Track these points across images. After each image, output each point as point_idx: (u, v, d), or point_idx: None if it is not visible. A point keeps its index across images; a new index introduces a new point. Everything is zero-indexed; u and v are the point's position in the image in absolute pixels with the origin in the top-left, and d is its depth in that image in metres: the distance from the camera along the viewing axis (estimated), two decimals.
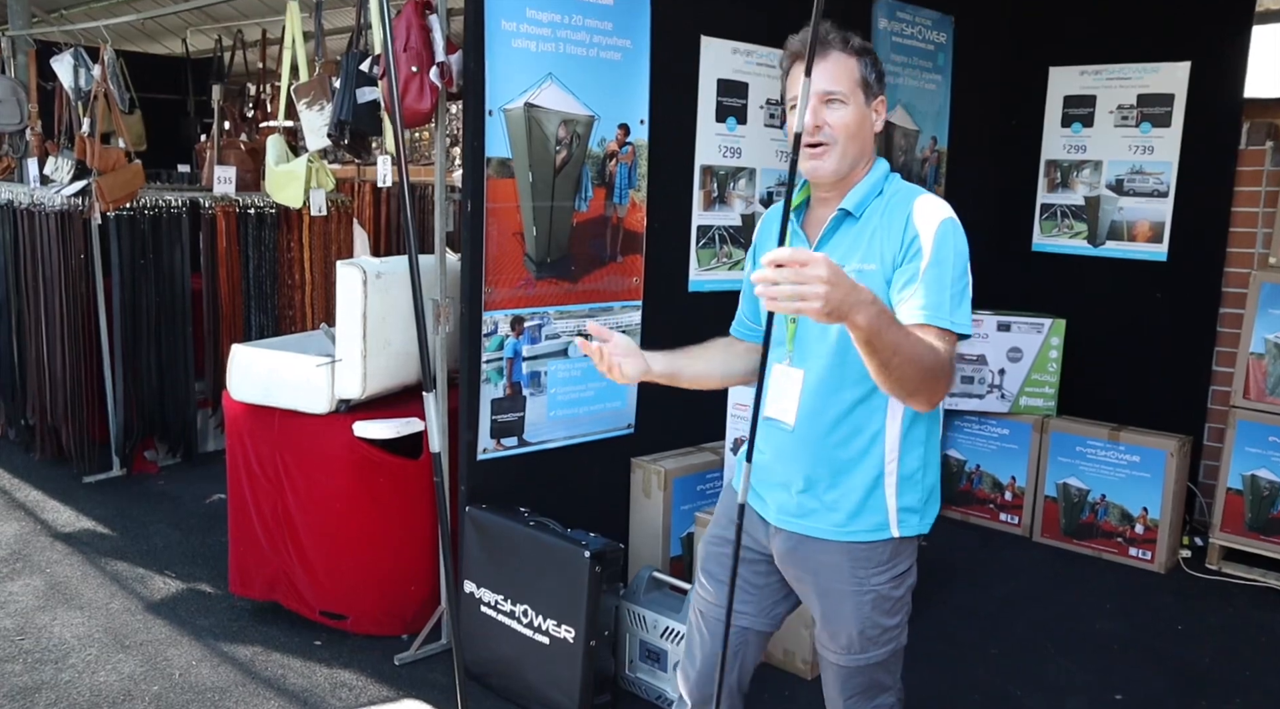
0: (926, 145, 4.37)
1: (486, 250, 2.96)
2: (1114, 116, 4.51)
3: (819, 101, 1.74)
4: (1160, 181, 4.40)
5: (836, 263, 1.51)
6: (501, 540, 2.87)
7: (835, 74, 1.74)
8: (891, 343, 1.50)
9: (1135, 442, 3.99)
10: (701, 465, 3.38)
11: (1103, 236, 4.56)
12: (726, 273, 3.61)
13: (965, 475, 4.45)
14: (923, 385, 1.59)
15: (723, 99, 3.51)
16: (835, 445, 1.81)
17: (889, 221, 1.74)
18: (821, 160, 1.75)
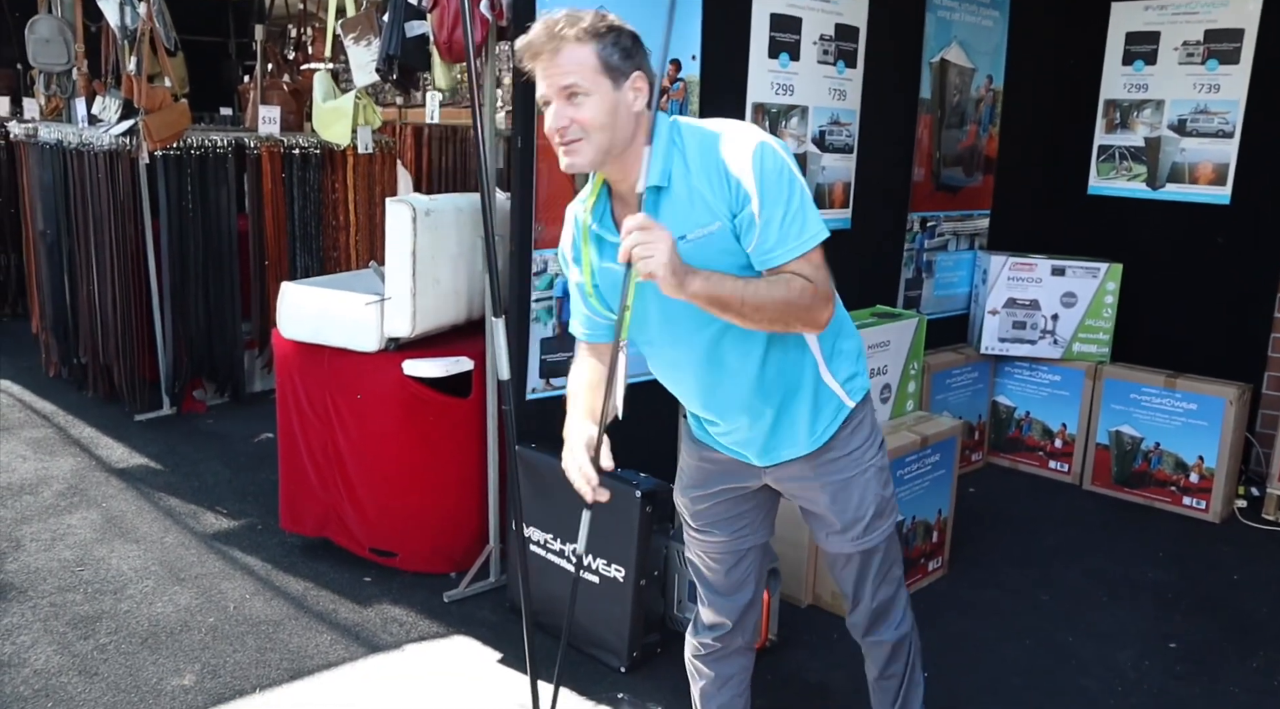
0: (982, 84, 4.25)
1: (536, 188, 2.92)
2: (1179, 53, 4.35)
3: (562, 99, 1.66)
4: (1225, 121, 4.25)
5: (676, 236, 1.64)
6: (551, 480, 2.87)
7: (569, 68, 1.65)
8: (735, 297, 1.62)
9: (1192, 389, 3.91)
10: None
11: (1163, 179, 4.43)
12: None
13: (1015, 422, 4.38)
14: (793, 317, 1.68)
15: (775, 34, 3.42)
16: (772, 380, 1.85)
17: (707, 176, 1.69)
18: (576, 156, 1.69)
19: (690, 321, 1.77)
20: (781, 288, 1.65)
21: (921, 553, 3.24)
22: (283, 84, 5.31)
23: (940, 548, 3.33)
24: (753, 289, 1.64)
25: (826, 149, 3.65)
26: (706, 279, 1.61)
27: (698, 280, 1.60)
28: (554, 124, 1.68)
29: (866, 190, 3.82)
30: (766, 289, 1.65)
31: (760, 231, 1.66)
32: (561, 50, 1.65)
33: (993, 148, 4.37)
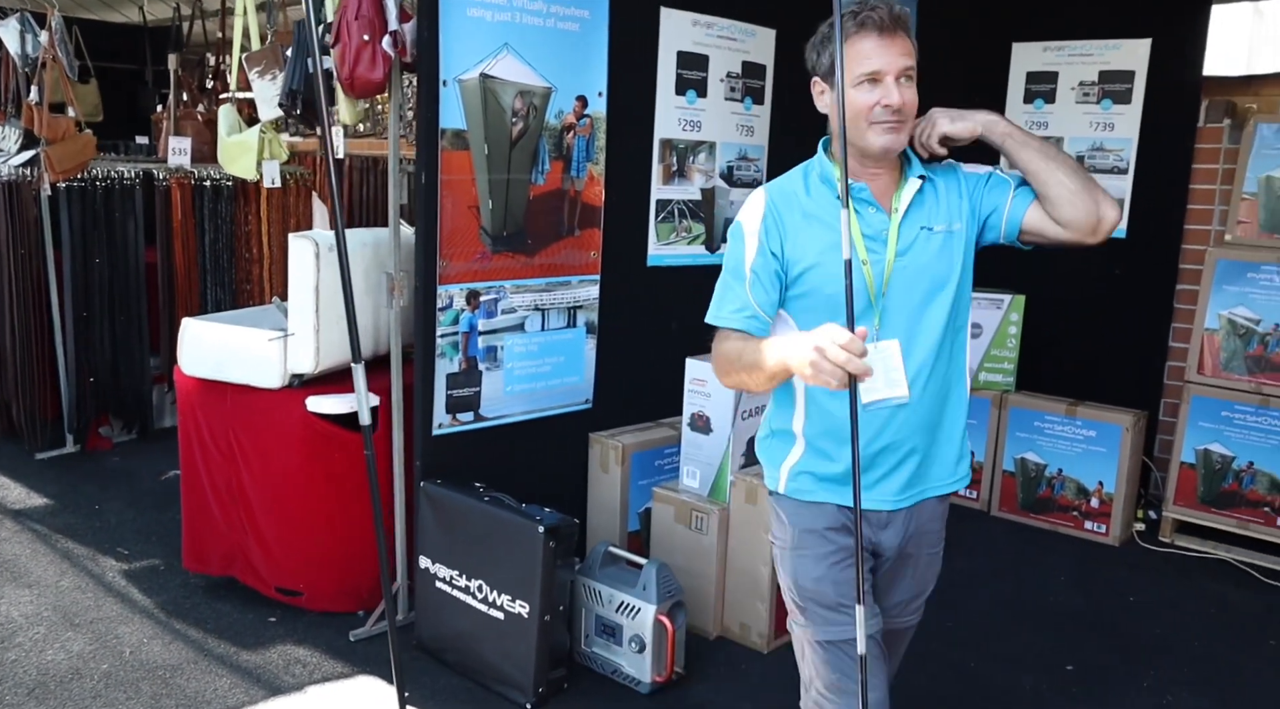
0: None
1: (441, 223, 2.93)
2: (1075, 93, 4.51)
3: (900, 78, 1.71)
4: (1120, 158, 4.42)
5: (927, 226, 1.80)
6: (456, 516, 2.85)
7: (909, 50, 1.73)
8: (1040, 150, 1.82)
9: (1092, 416, 4.03)
10: (659, 440, 3.37)
11: None
12: (685, 247, 3.60)
13: None
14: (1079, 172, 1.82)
15: (683, 71, 3.47)
16: (937, 399, 1.83)
17: (948, 183, 1.86)
18: (899, 134, 1.74)
19: (929, 305, 1.79)
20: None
21: None
22: (197, 114, 5.24)
23: None
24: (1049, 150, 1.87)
25: (735, 184, 3.71)
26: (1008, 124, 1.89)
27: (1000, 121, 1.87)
28: (894, 99, 1.70)
29: None
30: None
31: (1003, 178, 1.90)
32: (900, 34, 1.73)
33: None
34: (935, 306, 1.79)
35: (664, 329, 3.51)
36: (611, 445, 3.31)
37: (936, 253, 1.79)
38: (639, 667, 2.78)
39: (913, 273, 1.78)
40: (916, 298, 1.78)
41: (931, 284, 1.78)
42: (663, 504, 3.17)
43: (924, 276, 1.78)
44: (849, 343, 1.47)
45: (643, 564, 2.83)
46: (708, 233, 3.66)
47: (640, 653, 2.77)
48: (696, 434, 3.12)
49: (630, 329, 3.45)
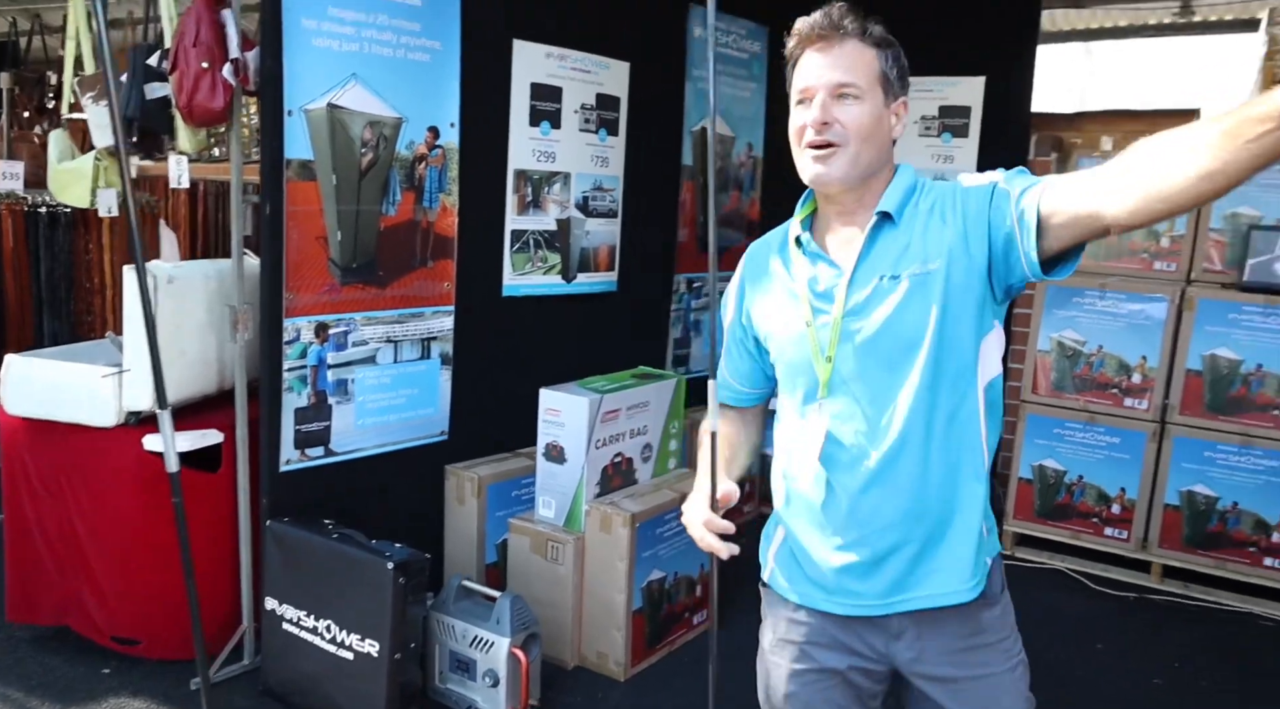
0: (743, 151, 4.48)
1: (287, 255, 2.86)
2: (919, 126, 4.72)
3: (829, 95, 1.47)
4: None
5: (887, 274, 1.47)
6: (304, 555, 2.78)
7: (850, 64, 1.48)
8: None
9: None
10: (516, 471, 3.36)
11: None
12: (542, 277, 3.61)
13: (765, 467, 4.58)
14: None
15: (536, 103, 3.50)
16: (933, 483, 1.50)
17: (940, 210, 1.50)
18: (827, 164, 1.48)
19: (896, 369, 1.49)
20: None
21: (686, 607, 3.33)
22: (34, 136, 5.00)
23: (705, 601, 3.42)
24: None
25: (591, 214, 3.75)
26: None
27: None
28: (815, 117, 1.47)
29: (632, 254, 3.93)
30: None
31: (1024, 178, 1.49)
32: (845, 44, 1.49)
33: (755, 211, 4.59)
34: (906, 370, 1.48)
35: (520, 359, 3.51)
36: (467, 477, 3.29)
37: (901, 304, 1.47)
38: (493, 701, 2.76)
39: (870, 333, 1.49)
40: (877, 362, 1.49)
41: (897, 344, 1.48)
42: (518, 535, 3.16)
43: (886, 336, 1.48)
44: (708, 521, 1.52)
45: (497, 597, 2.81)
46: (564, 263, 3.68)
47: (494, 687, 2.75)
48: (551, 464, 3.13)
49: (486, 360, 3.44)
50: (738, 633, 3.41)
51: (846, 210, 1.55)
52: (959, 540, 1.51)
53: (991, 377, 1.52)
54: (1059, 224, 1.39)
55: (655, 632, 3.20)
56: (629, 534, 3.00)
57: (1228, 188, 1.22)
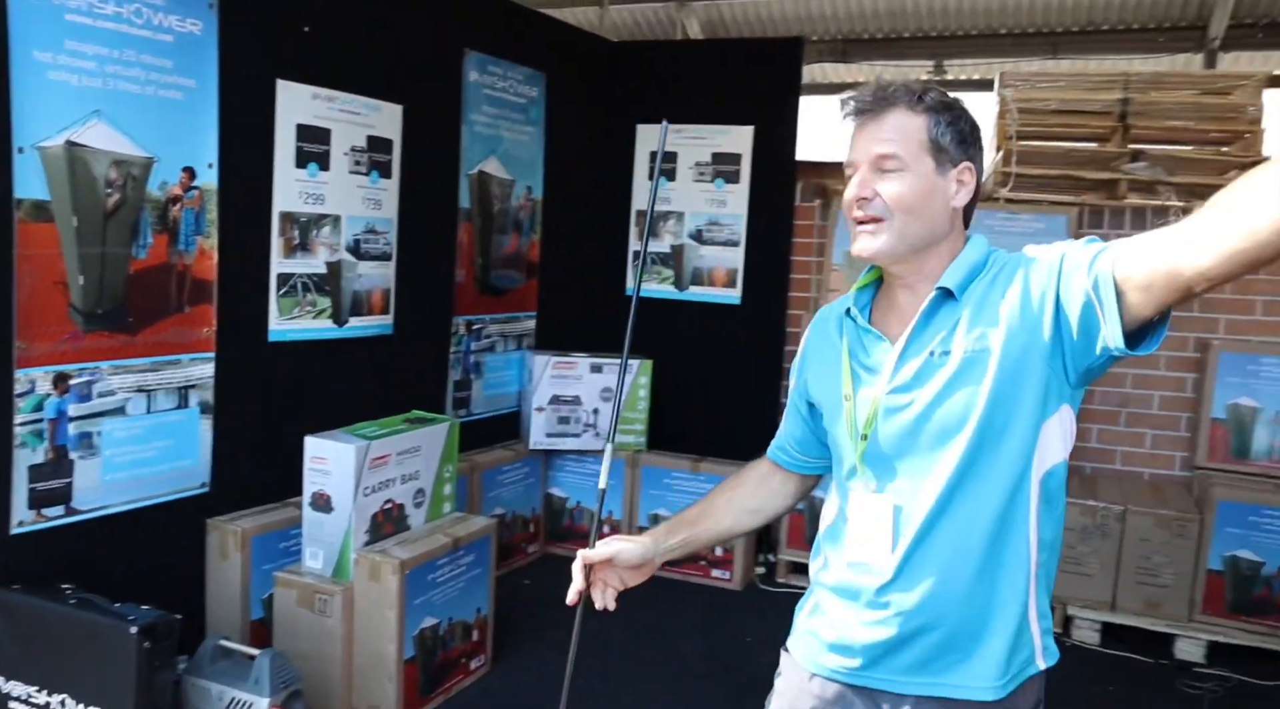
0: (522, 194, 4.53)
1: (17, 302, 2.68)
2: (693, 172, 4.92)
3: (869, 168, 1.46)
4: (733, 232, 4.86)
5: (939, 350, 1.43)
6: (36, 624, 2.59)
7: (891, 135, 1.45)
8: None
9: (713, 471, 4.36)
10: (282, 522, 3.25)
11: (687, 281, 4.95)
12: (311, 321, 3.52)
13: (567, 512, 4.63)
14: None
15: (303, 145, 3.43)
16: (967, 575, 1.44)
17: (1004, 284, 1.44)
18: (873, 237, 1.46)
19: (937, 450, 1.44)
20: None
21: (462, 653, 3.30)
22: None
23: (482, 646, 3.40)
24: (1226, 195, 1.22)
25: (363, 257, 3.69)
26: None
27: None
28: (854, 193, 1.47)
29: (408, 297, 3.90)
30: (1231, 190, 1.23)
31: (1087, 247, 1.41)
32: (887, 115, 1.46)
33: (535, 253, 4.65)
34: (947, 453, 1.42)
35: (288, 406, 3.41)
36: (230, 530, 3.15)
37: (949, 382, 1.42)
38: None
39: (916, 411, 1.44)
40: (920, 442, 1.45)
41: (942, 424, 1.43)
42: (284, 588, 3.05)
43: (931, 415, 1.43)
44: (584, 554, 1.61)
45: (256, 654, 2.70)
46: (334, 306, 3.61)
47: None
48: (318, 513, 3.04)
49: (251, 408, 3.32)
50: (514, 677, 3.42)
51: (907, 283, 1.52)
52: (993, 637, 1.45)
53: (1051, 465, 1.45)
54: (1136, 287, 1.29)
55: (429, 680, 3.15)
56: (398, 582, 2.95)
57: None
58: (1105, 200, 4.51)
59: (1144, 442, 4.39)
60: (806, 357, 1.68)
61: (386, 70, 3.73)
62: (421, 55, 3.91)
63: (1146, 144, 4.60)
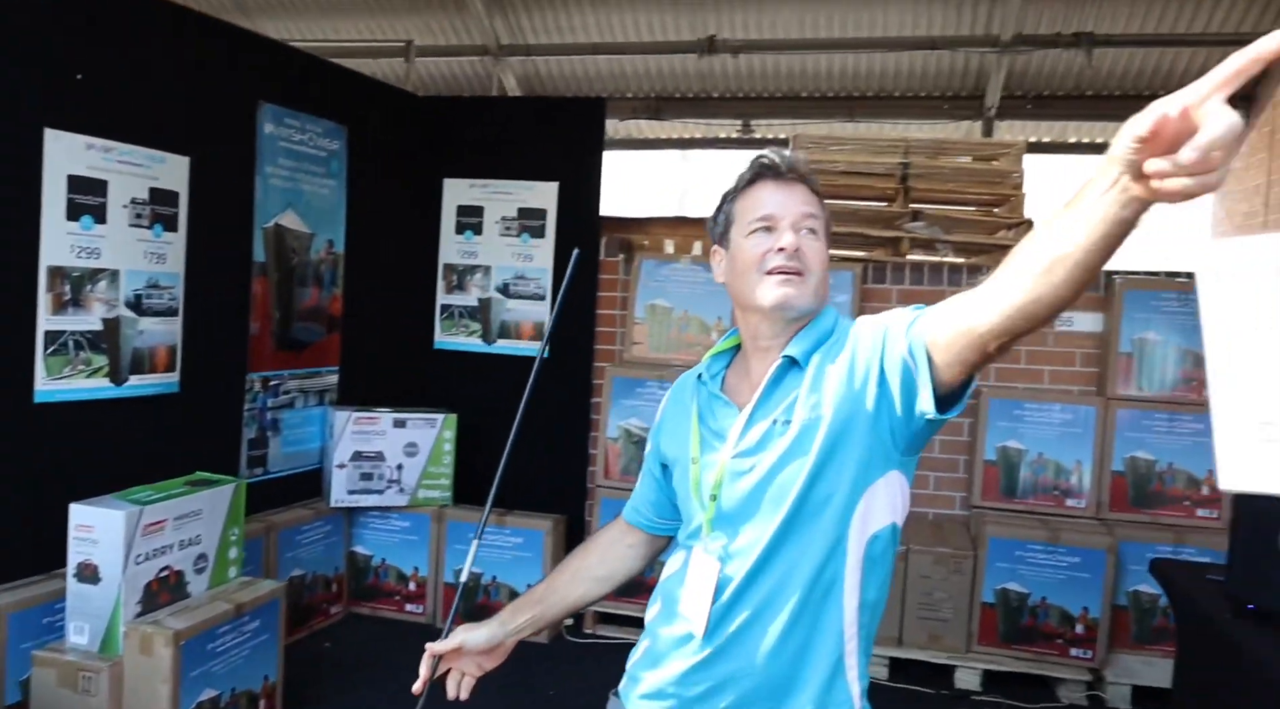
0: (323, 247, 4.46)
1: None
2: (500, 226, 4.97)
3: (794, 223, 1.51)
4: (540, 286, 4.92)
5: (781, 419, 1.48)
6: None
7: (813, 201, 1.55)
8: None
9: (518, 524, 4.36)
10: (45, 596, 3.05)
11: (495, 335, 4.97)
12: (85, 380, 3.35)
13: (372, 569, 4.52)
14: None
15: (75, 196, 3.28)
16: (782, 650, 1.48)
17: (837, 354, 1.50)
18: (795, 287, 1.50)
19: (769, 515, 1.47)
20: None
21: None
22: None
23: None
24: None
25: (145, 312, 3.55)
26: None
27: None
28: (789, 241, 1.49)
29: (197, 353, 3.76)
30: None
31: (904, 311, 1.49)
32: (808, 184, 1.57)
33: (337, 307, 4.57)
34: (775, 518, 1.47)
35: (56, 471, 3.22)
36: None
37: (786, 451, 1.47)
38: None
39: (755, 478, 1.49)
40: (755, 507, 1.49)
41: (776, 491, 1.47)
42: (44, 668, 2.86)
43: (770, 481, 1.48)
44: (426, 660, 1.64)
45: None
46: (112, 364, 3.45)
47: None
48: (84, 585, 2.88)
49: (12, 475, 3.12)
50: None
51: (763, 347, 1.57)
52: (802, 693, 1.48)
53: (877, 529, 1.48)
54: (941, 349, 1.37)
55: None
56: (172, 654, 2.82)
57: (1084, 267, 1.15)
58: (890, 256, 4.82)
59: (928, 483, 4.66)
60: (662, 420, 1.73)
61: (173, 121, 3.62)
62: (212, 106, 3.82)
63: (926, 204, 4.95)
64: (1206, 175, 0.91)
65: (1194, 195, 0.92)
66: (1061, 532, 4.03)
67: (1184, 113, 0.90)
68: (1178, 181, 0.91)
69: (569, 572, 1.80)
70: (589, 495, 4.87)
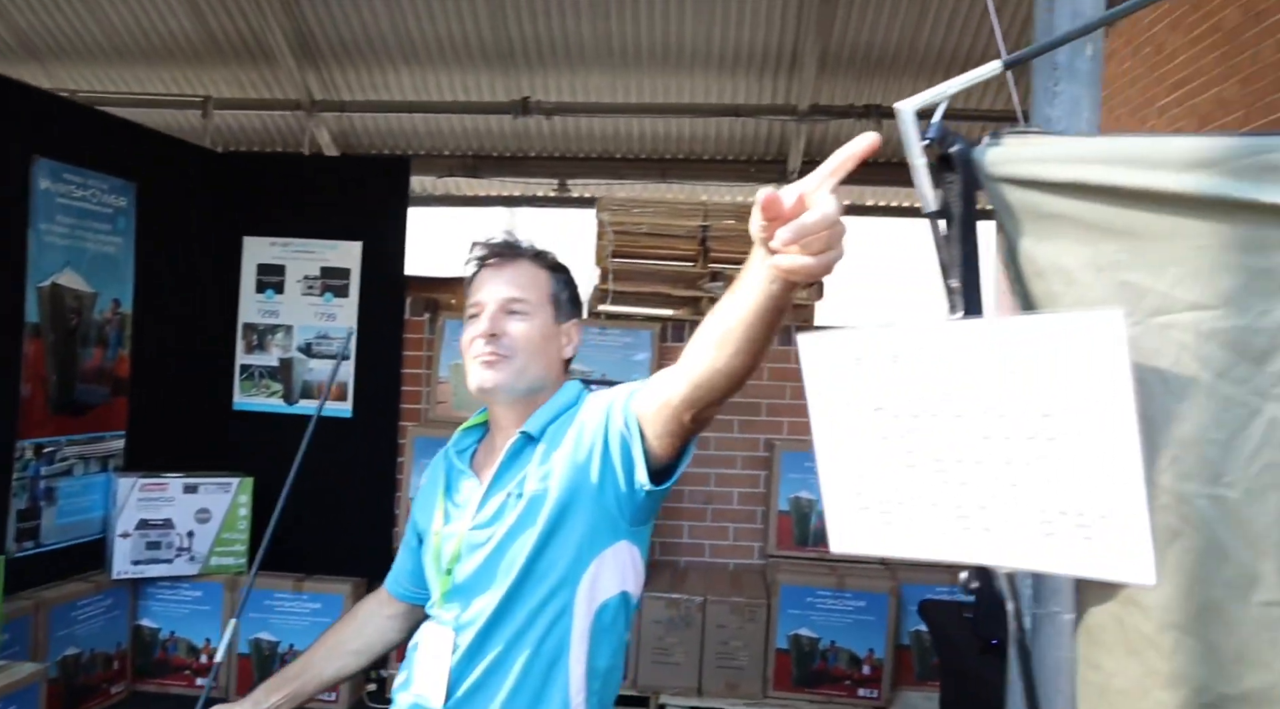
0: (107, 307, 4.29)
1: None
2: (302, 285, 4.90)
3: (499, 309, 1.58)
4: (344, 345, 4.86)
5: (514, 492, 1.53)
6: None
7: (523, 281, 1.61)
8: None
9: (316, 589, 4.27)
10: None
11: (297, 395, 4.87)
12: None
13: (160, 644, 4.32)
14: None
15: None
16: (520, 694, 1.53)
17: (568, 427, 1.56)
18: (494, 370, 1.56)
19: (499, 586, 1.53)
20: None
21: None
22: None
23: None
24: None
25: None
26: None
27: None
28: (484, 329, 1.55)
29: None
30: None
31: (627, 386, 1.58)
32: (519, 263, 1.61)
33: (124, 368, 4.39)
34: (504, 588, 1.52)
35: None
36: None
37: (516, 523, 1.53)
38: None
39: (489, 550, 1.54)
40: (489, 579, 1.54)
41: (507, 562, 1.52)
42: None
43: (502, 553, 1.53)
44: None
45: None
46: None
47: None
48: None
49: None
50: None
51: (504, 424, 1.61)
52: None
53: (606, 598, 1.53)
54: (649, 422, 1.43)
55: None
56: None
57: (749, 339, 1.22)
58: (691, 315, 5.01)
59: (728, 534, 4.82)
60: (420, 492, 1.80)
61: None
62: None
63: (725, 265, 5.17)
64: (820, 256, 1.00)
65: (814, 272, 1.02)
66: (847, 577, 4.25)
67: (800, 199, 1.00)
68: (795, 260, 1.02)
69: (325, 646, 1.81)
70: (392, 557, 4.79)
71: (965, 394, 0.81)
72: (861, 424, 0.92)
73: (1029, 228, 0.81)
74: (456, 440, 1.74)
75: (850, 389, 0.91)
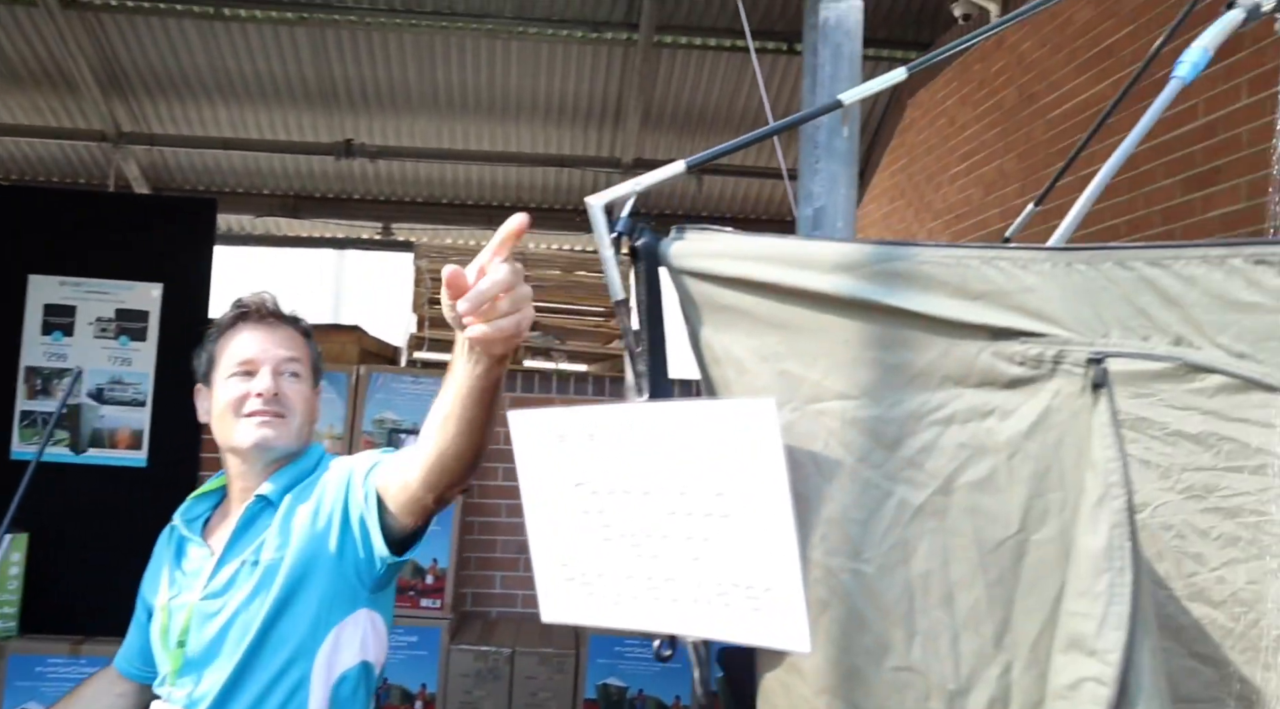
0: None
1: None
2: (94, 328, 4.64)
3: (275, 369, 1.55)
4: (139, 392, 4.63)
5: (250, 560, 1.47)
6: None
7: (295, 344, 1.60)
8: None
9: (96, 652, 4.00)
10: None
11: (85, 444, 4.59)
12: None
13: None
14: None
15: None
16: None
17: (308, 494, 1.52)
18: (276, 429, 1.53)
19: (233, 657, 1.48)
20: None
21: None
22: None
23: None
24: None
25: None
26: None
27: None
28: (267, 386, 1.52)
29: None
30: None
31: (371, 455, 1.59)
32: (285, 327, 1.61)
33: None
34: (239, 660, 1.48)
35: None
36: None
37: (252, 592, 1.49)
38: None
39: (223, 621, 1.50)
40: (222, 650, 1.49)
41: (239, 633, 1.48)
42: None
43: (233, 623, 1.49)
44: None
45: None
46: None
47: None
48: None
49: None
50: None
51: (242, 488, 1.57)
52: None
53: (345, 669, 1.50)
54: (391, 498, 1.42)
55: None
56: None
57: (468, 421, 1.23)
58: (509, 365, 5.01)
59: None
60: (148, 567, 1.74)
61: None
62: None
63: (543, 314, 5.21)
64: (499, 321, 1.02)
65: (502, 338, 1.04)
66: None
67: (480, 271, 1.03)
68: (478, 328, 1.04)
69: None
70: None
71: (652, 472, 0.86)
72: (565, 499, 0.95)
73: (707, 318, 0.87)
74: (186, 509, 1.70)
75: (554, 465, 0.95)
